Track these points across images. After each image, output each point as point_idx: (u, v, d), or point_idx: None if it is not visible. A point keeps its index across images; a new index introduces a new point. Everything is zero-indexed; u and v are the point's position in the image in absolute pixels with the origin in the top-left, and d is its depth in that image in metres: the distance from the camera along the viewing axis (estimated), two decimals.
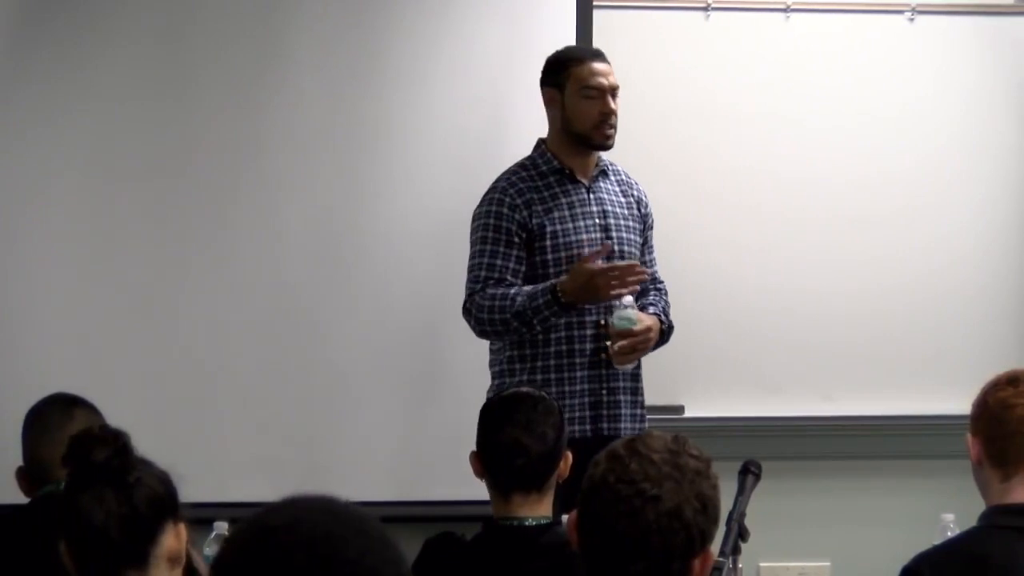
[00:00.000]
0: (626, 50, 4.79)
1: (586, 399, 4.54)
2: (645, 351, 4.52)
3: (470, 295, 4.52)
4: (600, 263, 4.41)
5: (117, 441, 2.55)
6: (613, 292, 4.38)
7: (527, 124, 5.08)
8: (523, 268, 4.54)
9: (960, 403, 3.26)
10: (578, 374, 4.53)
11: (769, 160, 5.43)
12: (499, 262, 4.52)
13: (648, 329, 4.48)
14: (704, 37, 5.43)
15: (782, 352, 5.43)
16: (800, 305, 5.43)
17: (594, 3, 5.27)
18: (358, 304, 5.14)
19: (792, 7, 5.44)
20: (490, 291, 4.48)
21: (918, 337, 5.47)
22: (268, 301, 5.11)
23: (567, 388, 4.51)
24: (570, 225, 4.57)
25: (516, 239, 4.54)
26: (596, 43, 5.13)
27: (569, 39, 5.13)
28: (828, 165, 5.45)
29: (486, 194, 4.62)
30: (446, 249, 5.09)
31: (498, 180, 4.64)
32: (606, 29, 5.23)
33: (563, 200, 4.60)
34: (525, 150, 4.82)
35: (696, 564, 2.34)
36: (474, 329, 4.55)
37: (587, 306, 4.48)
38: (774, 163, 5.43)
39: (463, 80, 5.17)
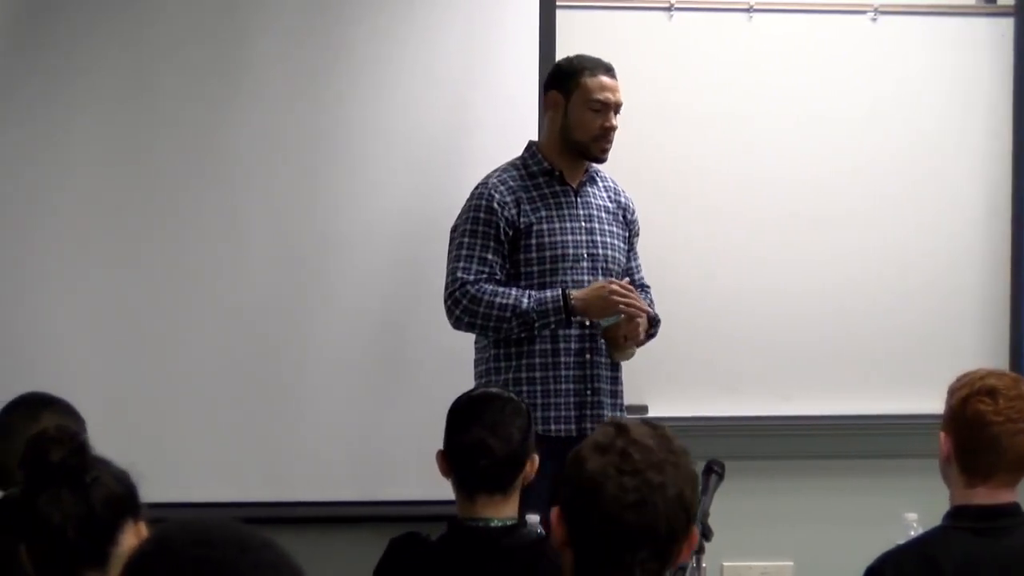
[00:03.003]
0: (589, 50, 4.78)
1: (571, 399, 4.61)
2: (639, 335, 4.58)
3: (462, 284, 4.55)
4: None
5: (73, 441, 2.53)
6: (621, 307, 4.49)
7: (489, 124, 5.11)
8: (507, 266, 4.61)
9: (921, 403, 3.28)
10: (563, 373, 4.61)
11: (731, 159, 5.43)
12: (490, 256, 4.58)
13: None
14: (667, 37, 5.43)
15: (747, 352, 5.43)
16: (764, 305, 5.44)
17: (557, 3, 5.27)
18: (321, 303, 5.12)
19: (755, 7, 5.45)
20: (488, 286, 4.54)
21: (879, 337, 5.48)
22: (230, 302, 5.08)
23: (552, 387, 4.59)
24: (556, 226, 4.64)
25: (503, 236, 4.60)
26: (559, 44, 5.16)
27: (532, 39, 5.15)
28: (790, 165, 5.46)
29: (475, 189, 4.67)
30: (408, 248, 5.10)
31: (488, 177, 4.69)
32: (569, 29, 5.23)
33: (551, 201, 4.67)
34: (486, 151, 4.85)
35: (686, 541, 2.38)
36: (458, 317, 4.58)
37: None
38: (736, 162, 5.43)
39: (425, 80, 5.16)
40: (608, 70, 4.70)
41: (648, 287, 4.88)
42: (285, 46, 5.13)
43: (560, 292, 4.54)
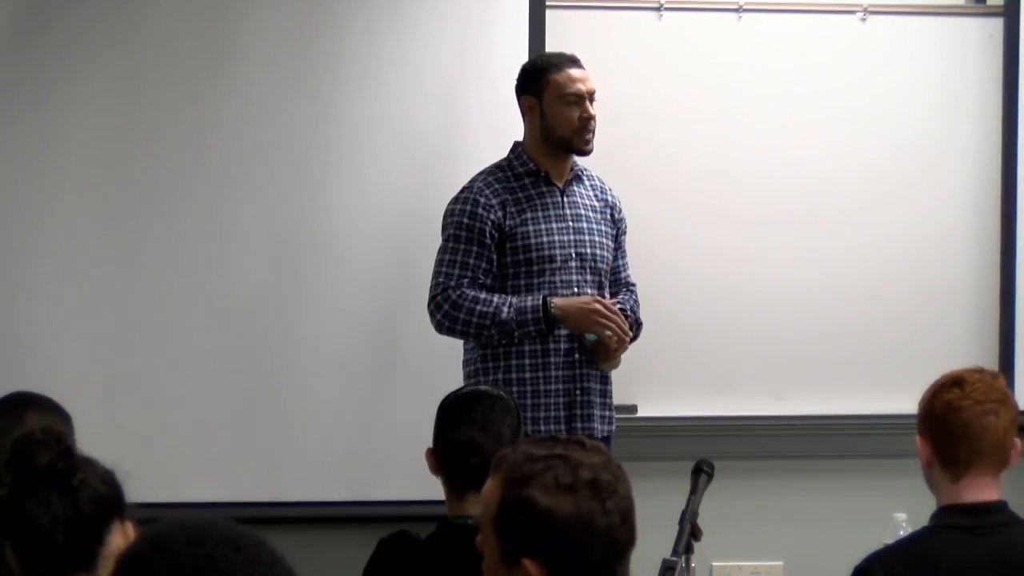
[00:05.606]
0: (579, 50, 4.78)
1: (560, 399, 4.62)
2: (624, 344, 4.59)
3: (444, 289, 4.56)
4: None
5: (60, 444, 2.53)
6: (599, 328, 4.51)
7: (480, 124, 5.11)
8: (493, 269, 4.61)
9: (911, 403, 3.27)
10: (553, 374, 4.61)
11: (721, 159, 5.43)
12: (472, 261, 4.58)
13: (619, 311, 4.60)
14: (657, 37, 5.43)
15: (736, 351, 5.43)
16: (753, 304, 5.44)
17: (547, 3, 5.27)
18: (311, 303, 5.12)
19: (744, 7, 5.45)
20: (470, 292, 4.55)
21: (870, 337, 5.49)
22: (220, 301, 5.09)
23: (542, 387, 4.59)
24: (542, 227, 4.64)
25: (488, 239, 4.60)
26: (549, 44, 5.16)
27: (522, 39, 5.15)
28: (780, 164, 5.46)
29: (461, 192, 4.68)
30: (399, 248, 5.11)
31: (474, 180, 4.69)
32: (559, 29, 5.23)
33: (537, 202, 4.68)
34: (477, 151, 4.85)
35: None
36: (440, 323, 4.59)
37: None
38: (726, 162, 5.43)
39: (416, 80, 5.16)
40: (574, 62, 4.71)
41: (634, 285, 4.87)
42: (277, 45, 5.13)
43: (540, 302, 4.54)
